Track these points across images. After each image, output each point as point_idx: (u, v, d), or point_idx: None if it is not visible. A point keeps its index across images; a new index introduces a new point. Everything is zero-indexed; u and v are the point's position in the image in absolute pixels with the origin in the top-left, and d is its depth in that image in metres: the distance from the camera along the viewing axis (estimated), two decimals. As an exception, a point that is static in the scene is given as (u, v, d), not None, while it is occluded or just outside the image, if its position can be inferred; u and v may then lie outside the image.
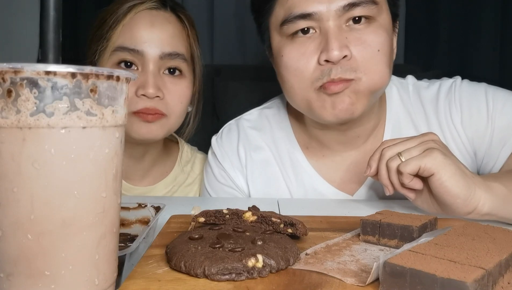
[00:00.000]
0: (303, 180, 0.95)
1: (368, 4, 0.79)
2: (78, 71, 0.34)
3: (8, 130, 0.33)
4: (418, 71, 1.63)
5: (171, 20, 0.94)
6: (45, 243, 0.34)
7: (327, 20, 0.79)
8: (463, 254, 0.40)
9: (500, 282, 0.39)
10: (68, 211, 0.34)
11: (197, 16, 1.04)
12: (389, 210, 0.60)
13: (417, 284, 0.36)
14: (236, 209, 0.57)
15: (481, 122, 0.88)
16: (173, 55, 0.91)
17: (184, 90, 0.95)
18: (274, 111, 1.02)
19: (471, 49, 1.82)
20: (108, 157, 0.36)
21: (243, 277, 0.42)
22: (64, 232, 0.34)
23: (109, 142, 0.37)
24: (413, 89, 0.96)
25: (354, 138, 0.92)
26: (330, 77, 0.79)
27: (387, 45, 0.82)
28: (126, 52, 0.90)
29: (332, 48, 0.77)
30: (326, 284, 0.42)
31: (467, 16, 1.81)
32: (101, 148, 0.36)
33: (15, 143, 0.33)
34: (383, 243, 0.53)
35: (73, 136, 0.34)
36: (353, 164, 0.93)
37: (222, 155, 1.00)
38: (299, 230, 0.53)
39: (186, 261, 0.44)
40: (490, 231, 0.48)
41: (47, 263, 0.34)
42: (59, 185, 0.34)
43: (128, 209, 0.63)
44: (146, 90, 0.87)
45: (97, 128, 0.35)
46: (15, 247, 0.34)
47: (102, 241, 0.37)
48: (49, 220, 0.34)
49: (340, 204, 0.85)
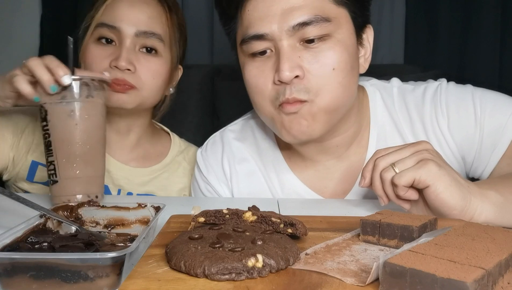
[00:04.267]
0: (289, 190, 0.93)
1: (320, 22, 0.77)
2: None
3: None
4: (418, 71, 1.63)
5: (149, 2, 1.01)
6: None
7: (280, 40, 0.78)
8: (463, 254, 0.40)
9: (500, 282, 0.39)
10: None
11: (197, 16, 1.05)
12: (389, 210, 0.60)
13: (417, 284, 0.36)
14: (236, 209, 0.57)
15: (469, 127, 0.85)
16: (148, 33, 0.98)
17: (157, 67, 1.00)
18: (258, 121, 1.00)
19: (471, 49, 1.81)
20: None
21: (243, 277, 0.42)
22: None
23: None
24: (398, 93, 0.93)
25: (333, 147, 0.90)
26: (285, 97, 0.79)
27: (345, 61, 0.80)
28: (105, 28, 0.98)
29: (282, 68, 0.77)
30: (326, 284, 0.42)
31: (467, 16, 1.81)
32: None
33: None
34: (383, 243, 0.53)
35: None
36: (338, 173, 0.92)
37: (207, 168, 0.99)
38: (299, 230, 0.53)
39: (186, 261, 0.44)
40: (490, 231, 0.48)
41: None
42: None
43: (128, 209, 0.63)
44: (117, 62, 0.95)
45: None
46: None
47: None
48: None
49: (340, 204, 0.85)
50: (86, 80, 0.79)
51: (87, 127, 0.80)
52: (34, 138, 1.03)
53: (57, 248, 0.49)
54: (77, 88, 0.79)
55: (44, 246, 0.51)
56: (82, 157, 0.79)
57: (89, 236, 0.54)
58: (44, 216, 0.57)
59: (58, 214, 0.60)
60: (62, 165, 0.79)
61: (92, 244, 0.51)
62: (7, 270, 0.43)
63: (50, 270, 0.43)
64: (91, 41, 1.00)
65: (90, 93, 0.80)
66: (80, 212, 0.62)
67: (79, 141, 0.79)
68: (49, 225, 0.57)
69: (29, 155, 1.03)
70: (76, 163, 0.79)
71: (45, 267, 0.43)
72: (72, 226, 0.58)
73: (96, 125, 0.82)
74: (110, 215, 0.63)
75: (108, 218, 0.62)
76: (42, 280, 0.43)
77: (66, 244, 0.50)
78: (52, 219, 0.58)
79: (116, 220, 0.62)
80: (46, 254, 0.47)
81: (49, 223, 0.57)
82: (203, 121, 1.60)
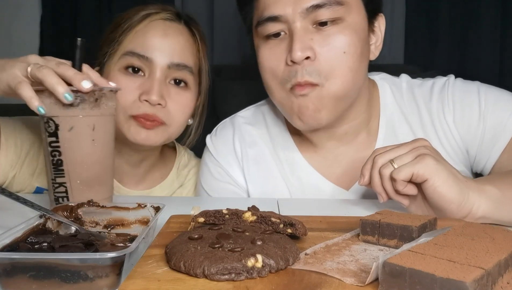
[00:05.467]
0: (299, 175, 0.95)
1: (332, 6, 0.80)
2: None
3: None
4: (417, 71, 1.62)
5: (183, 32, 0.96)
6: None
7: (293, 22, 0.81)
8: (462, 254, 0.40)
9: (499, 282, 0.39)
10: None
11: (197, 16, 1.04)
12: (388, 210, 0.60)
13: (417, 284, 0.36)
14: (235, 209, 0.57)
15: (473, 120, 0.88)
16: (181, 66, 0.93)
17: (187, 101, 0.95)
18: (269, 108, 1.02)
19: (471, 49, 1.81)
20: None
21: (242, 277, 0.42)
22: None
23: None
24: (407, 87, 0.96)
25: (342, 134, 0.93)
26: (297, 80, 0.81)
27: (355, 45, 0.82)
28: (135, 57, 0.91)
29: (294, 48, 0.80)
30: (325, 284, 0.42)
31: (467, 16, 1.81)
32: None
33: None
34: (383, 243, 0.53)
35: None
36: (346, 159, 0.94)
37: (217, 151, 1.00)
38: (298, 230, 0.53)
39: (186, 261, 0.44)
40: (489, 231, 0.48)
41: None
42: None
43: (128, 209, 0.63)
44: (150, 96, 0.89)
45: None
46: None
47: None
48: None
49: (339, 204, 0.85)
50: (104, 91, 0.71)
51: (104, 144, 0.71)
52: (39, 162, 0.95)
53: (57, 248, 0.49)
54: (94, 99, 0.69)
55: (44, 246, 0.51)
56: (99, 178, 0.71)
57: (88, 236, 0.54)
58: (44, 216, 0.57)
59: (58, 214, 0.60)
60: (76, 188, 0.69)
61: (92, 244, 0.51)
62: (7, 270, 0.43)
63: (50, 270, 0.43)
64: (117, 69, 0.92)
65: (107, 104, 0.71)
66: (80, 212, 0.62)
67: (97, 160, 0.70)
68: (49, 225, 0.57)
69: (33, 180, 0.96)
70: (93, 185, 0.70)
71: (45, 267, 0.43)
72: (72, 226, 0.58)
73: (111, 141, 0.74)
74: (110, 215, 0.62)
75: (108, 218, 0.62)
76: (41, 280, 0.43)
77: (65, 244, 0.50)
78: (52, 219, 0.58)
79: (116, 220, 0.62)
80: (45, 254, 0.47)
81: (49, 223, 0.57)
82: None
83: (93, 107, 0.69)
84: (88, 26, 1.86)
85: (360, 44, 0.83)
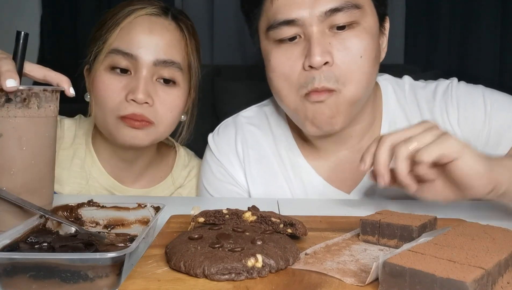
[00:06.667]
0: (301, 177, 0.95)
1: (350, 9, 0.79)
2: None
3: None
4: (417, 71, 1.63)
5: (170, 28, 0.93)
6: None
7: (310, 25, 0.79)
8: (462, 254, 0.40)
9: (499, 282, 0.39)
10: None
11: (197, 16, 1.04)
12: (388, 210, 0.60)
13: (417, 284, 0.36)
14: (235, 209, 0.57)
15: (478, 121, 0.88)
16: (168, 62, 0.90)
17: (175, 100, 0.93)
18: (272, 109, 1.01)
19: (471, 49, 1.82)
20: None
21: (242, 277, 0.42)
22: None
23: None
24: (410, 89, 0.96)
25: (346, 138, 0.92)
26: (314, 86, 0.79)
27: (370, 49, 0.82)
28: (120, 55, 0.89)
29: (314, 53, 0.78)
30: (325, 284, 0.42)
31: (467, 16, 1.81)
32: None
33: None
34: (383, 243, 0.53)
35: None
36: (348, 163, 0.93)
37: (219, 151, 0.99)
38: (298, 230, 0.53)
39: (186, 261, 0.44)
40: (489, 231, 0.48)
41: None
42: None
43: (128, 209, 0.63)
44: (136, 95, 0.86)
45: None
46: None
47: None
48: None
49: (339, 204, 0.85)
50: (36, 90, 0.63)
51: (36, 148, 0.63)
52: None
53: (56, 248, 0.49)
54: (22, 99, 0.62)
55: (44, 246, 0.51)
56: (28, 186, 0.63)
57: (88, 236, 0.54)
58: (44, 216, 0.57)
59: (58, 214, 0.60)
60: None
61: (91, 244, 0.51)
62: (7, 270, 0.43)
63: (50, 270, 0.43)
64: (103, 69, 0.90)
65: (41, 105, 0.63)
66: (80, 212, 0.62)
67: (27, 166, 0.62)
68: (48, 225, 0.57)
69: None
70: (20, 193, 0.62)
71: (45, 267, 0.43)
72: (72, 226, 0.58)
73: (46, 145, 0.65)
74: (110, 215, 0.62)
75: (108, 218, 0.62)
76: (41, 280, 0.43)
77: (65, 244, 0.50)
78: (52, 219, 0.58)
79: (116, 220, 0.62)
80: (45, 254, 0.47)
81: (48, 223, 0.57)
82: (203, 121, 1.60)
83: (21, 108, 0.62)
84: (88, 26, 1.85)
85: (375, 48, 0.83)
